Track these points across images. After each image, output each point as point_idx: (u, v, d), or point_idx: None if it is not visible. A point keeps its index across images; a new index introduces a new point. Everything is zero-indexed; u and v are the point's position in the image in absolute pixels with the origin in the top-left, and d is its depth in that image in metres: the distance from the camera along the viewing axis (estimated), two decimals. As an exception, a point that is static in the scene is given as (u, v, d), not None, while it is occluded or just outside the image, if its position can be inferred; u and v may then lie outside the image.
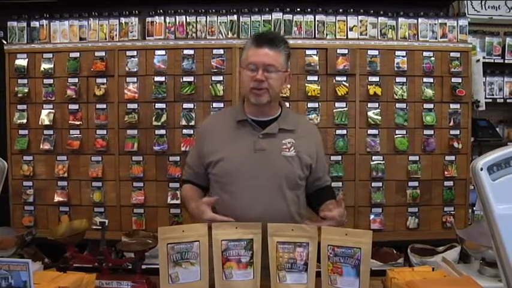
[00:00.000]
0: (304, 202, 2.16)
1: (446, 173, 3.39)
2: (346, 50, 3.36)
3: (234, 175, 2.01)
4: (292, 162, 2.03)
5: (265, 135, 2.04)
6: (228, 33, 3.44)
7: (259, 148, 2.01)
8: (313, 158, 2.10)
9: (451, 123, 3.40)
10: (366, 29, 3.48)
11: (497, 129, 3.87)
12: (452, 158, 3.40)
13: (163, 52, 3.36)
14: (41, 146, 3.39)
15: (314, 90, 3.33)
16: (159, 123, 3.34)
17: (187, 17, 3.45)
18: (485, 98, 3.69)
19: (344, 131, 3.35)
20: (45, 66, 3.40)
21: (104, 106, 3.39)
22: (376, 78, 3.37)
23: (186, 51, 3.35)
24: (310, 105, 3.34)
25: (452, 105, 3.41)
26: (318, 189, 2.17)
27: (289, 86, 3.28)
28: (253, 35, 2.17)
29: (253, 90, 1.98)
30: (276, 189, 2.01)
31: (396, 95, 3.37)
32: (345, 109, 3.36)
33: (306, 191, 2.16)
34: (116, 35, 3.46)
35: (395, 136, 3.38)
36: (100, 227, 2.03)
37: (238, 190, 2.00)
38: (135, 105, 3.36)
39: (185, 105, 3.35)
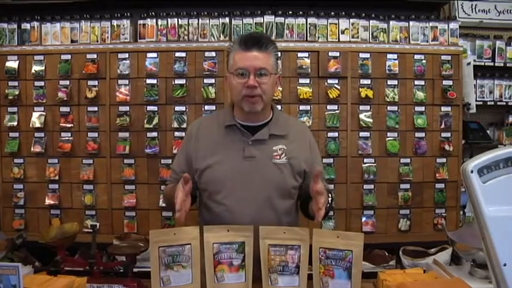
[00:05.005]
0: (297, 212, 2.09)
1: (437, 175, 3.40)
2: (338, 53, 3.37)
3: (221, 184, 1.94)
4: (284, 170, 1.95)
5: (255, 142, 1.95)
6: (220, 36, 3.44)
7: (249, 155, 1.93)
8: (308, 161, 2.02)
9: (442, 126, 3.42)
10: (358, 32, 3.49)
11: (488, 131, 3.89)
12: (444, 160, 3.42)
13: (155, 55, 3.36)
14: (32, 149, 3.37)
15: (306, 93, 3.33)
16: (151, 126, 3.33)
17: (179, 20, 3.45)
18: (476, 100, 3.72)
19: (336, 134, 3.36)
20: (36, 68, 3.38)
21: (96, 109, 3.37)
22: (367, 81, 3.38)
23: (178, 54, 3.35)
24: (302, 107, 3.35)
25: (443, 108, 3.43)
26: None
27: (280, 88, 3.29)
28: (238, 37, 2.00)
29: (246, 98, 1.89)
30: (265, 199, 1.93)
31: (388, 97, 3.38)
32: (337, 112, 3.37)
33: (301, 195, 2.06)
34: (108, 38, 3.45)
35: (387, 139, 3.39)
36: (91, 230, 2.02)
37: (226, 199, 1.93)
38: (126, 108, 3.35)
39: (177, 108, 3.34)
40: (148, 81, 3.35)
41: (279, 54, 2.02)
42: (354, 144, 3.38)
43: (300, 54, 3.37)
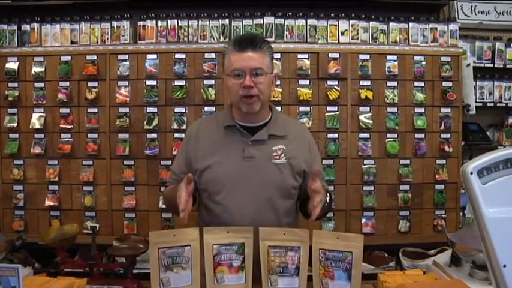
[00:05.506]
0: (297, 213, 2.09)
1: (437, 176, 3.40)
2: (338, 54, 3.37)
3: (221, 184, 1.94)
4: (283, 170, 1.95)
5: (254, 142, 1.96)
6: (219, 38, 3.45)
7: (248, 156, 1.94)
8: (308, 162, 2.02)
9: (442, 127, 3.42)
10: (357, 33, 3.50)
11: (488, 133, 3.90)
12: (443, 161, 3.41)
13: (155, 56, 3.36)
14: (32, 150, 3.37)
15: (306, 94, 3.33)
16: (151, 127, 3.33)
17: (179, 21, 3.46)
18: (476, 102, 3.72)
19: (335, 135, 3.36)
20: (36, 69, 3.37)
21: (95, 110, 3.37)
22: (367, 82, 3.38)
23: (177, 55, 3.35)
24: (301, 109, 3.35)
25: (443, 109, 3.43)
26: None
27: (280, 89, 3.29)
28: (232, 39, 2.02)
29: (243, 99, 1.90)
30: (265, 199, 1.93)
31: (387, 99, 3.38)
32: (337, 113, 3.37)
33: (300, 195, 2.06)
34: (108, 39, 3.46)
35: (387, 140, 3.39)
36: (91, 232, 2.02)
37: (226, 200, 1.93)
38: (126, 109, 3.35)
39: (177, 109, 3.34)
40: (148, 82, 3.35)
41: (275, 54, 2.01)
42: (353, 146, 3.38)
43: (299, 56, 3.37)
